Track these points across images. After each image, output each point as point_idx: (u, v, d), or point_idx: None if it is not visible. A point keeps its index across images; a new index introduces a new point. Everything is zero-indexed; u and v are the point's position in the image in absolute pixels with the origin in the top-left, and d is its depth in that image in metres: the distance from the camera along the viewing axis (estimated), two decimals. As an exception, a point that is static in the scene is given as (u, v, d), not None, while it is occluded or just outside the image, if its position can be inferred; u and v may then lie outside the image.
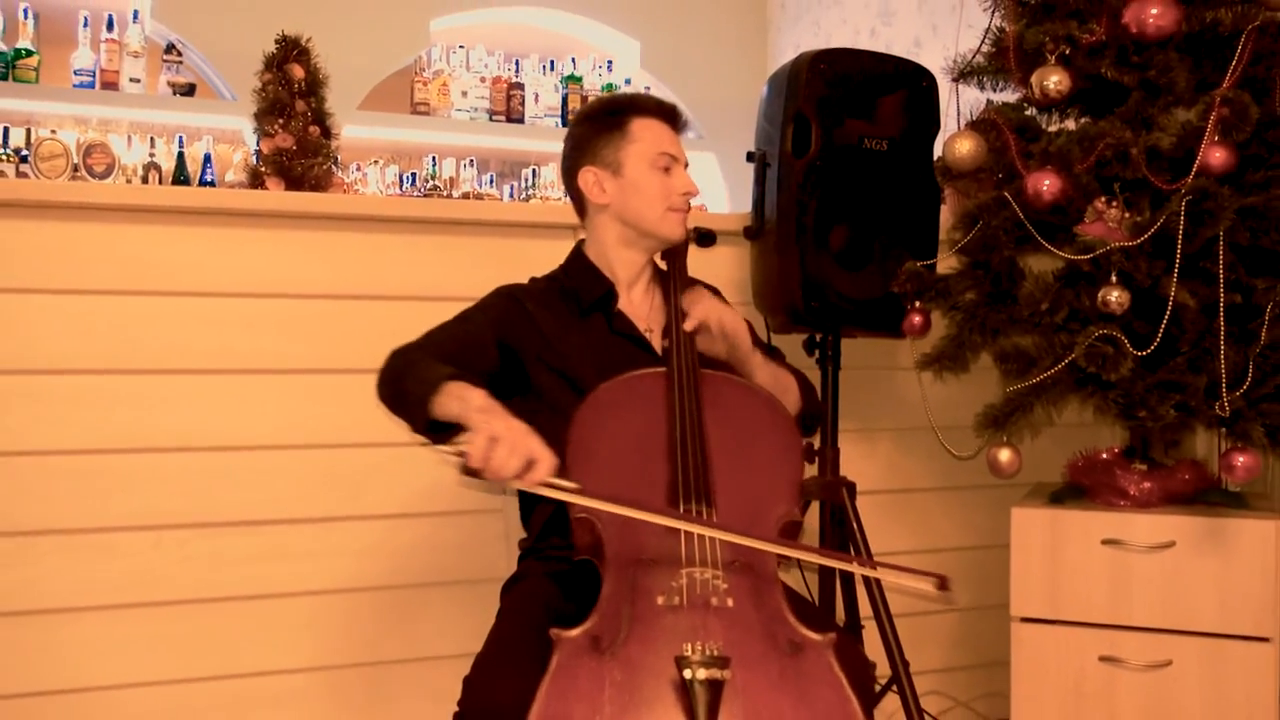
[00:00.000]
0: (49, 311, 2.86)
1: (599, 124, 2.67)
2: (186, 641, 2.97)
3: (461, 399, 2.23)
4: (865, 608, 3.08)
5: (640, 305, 2.71)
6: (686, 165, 2.68)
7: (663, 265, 2.76)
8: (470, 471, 2.09)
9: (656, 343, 2.64)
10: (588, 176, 2.67)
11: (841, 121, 3.00)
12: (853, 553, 3.04)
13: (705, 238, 2.87)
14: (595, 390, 2.42)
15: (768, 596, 2.18)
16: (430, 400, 2.26)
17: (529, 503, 2.65)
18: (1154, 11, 2.70)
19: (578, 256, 2.73)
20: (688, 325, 2.55)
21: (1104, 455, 3.08)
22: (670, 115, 2.67)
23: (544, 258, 2.83)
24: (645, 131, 2.62)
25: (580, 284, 2.68)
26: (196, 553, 2.97)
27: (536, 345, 2.58)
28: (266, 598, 3.03)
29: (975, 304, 3.01)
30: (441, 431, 2.29)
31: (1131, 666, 2.87)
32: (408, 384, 2.35)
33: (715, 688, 1.88)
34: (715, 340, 2.60)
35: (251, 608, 3.02)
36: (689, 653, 1.92)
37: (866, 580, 3.00)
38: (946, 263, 3.08)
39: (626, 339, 2.65)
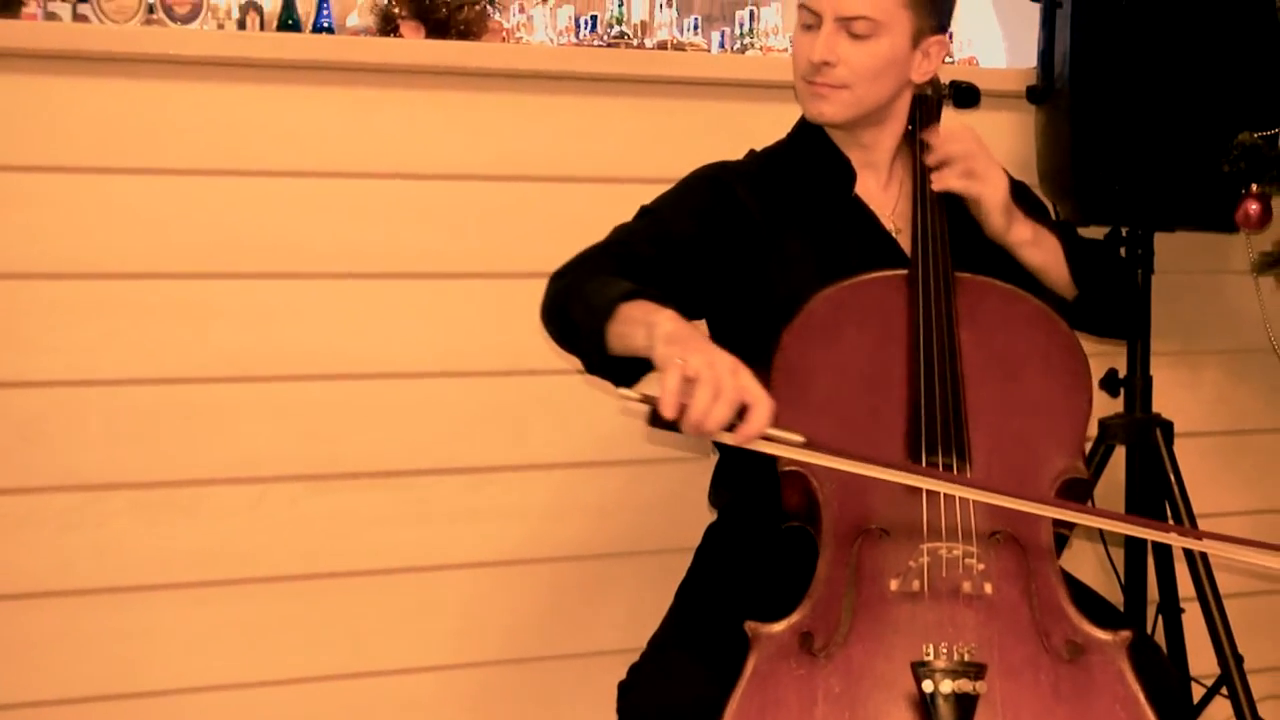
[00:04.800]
0: (116, 197, 2.80)
1: None
2: (297, 630, 2.93)
3: (646, 324, 2.07)
4: (1185, 586, 3.03)
5: (883, 196, 2.58)
6: (859, 18, 2.36)
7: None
8: (662, 423, 1.92)
9: (906, 245, 2.51)
10: None
11: (1156, -54, 2.94)
12: (1169, 513, 2.99)
13: (964, 94, 2.65)
14: (811, 301, 2.29)
15: (1041, 580, 2.08)
16: (604, 330, 2.12)
17: (725, 448, 2.55)
18: None
19: (807, 125, 2.60)
20: (933, 158, 2.44)
21: None
22: None
23: (766, 127, 2.67)
24: None
25: (807, 161, 2.55)
26: (311, 513, 2.93)
27: (747, 244, 2.45)
28: (401, 572, 2.99)
29: (1336, 186, 2.88)
30: (624, 370, 2.15)
31: None
32: (575, 310, 2.21)
33: (966, 705, 1.77)
34: (967, 184, 2.47)
35: (382, 585, 2.98)
36: (930, 656, 1.81)
37: (1188, 552, 2.95)
38: (1294, 132, 2.93)
39: (865, 235, 2.52)
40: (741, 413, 1.92)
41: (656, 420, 1.92)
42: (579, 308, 2.21)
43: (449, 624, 3.02)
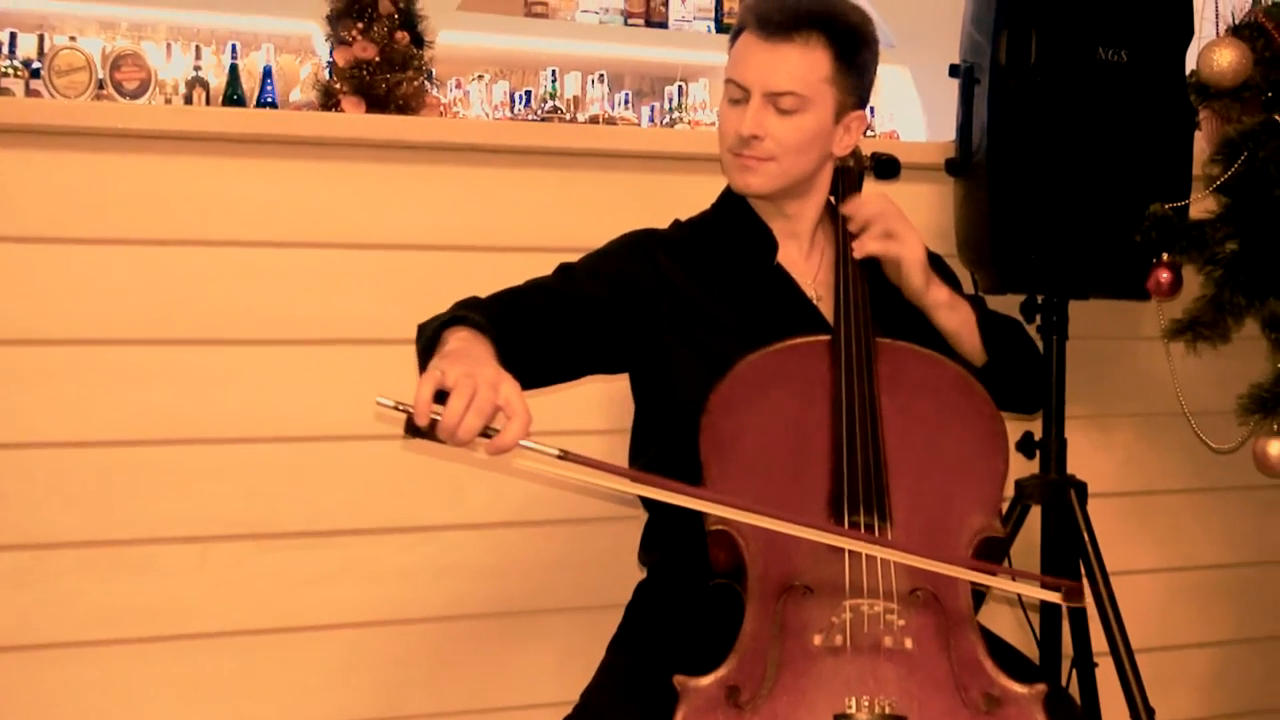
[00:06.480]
0: (67, 266, 2.79)
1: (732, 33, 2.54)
2: (242, 684, 2.91)
3: (440, 343, 2.11)
4: (1098, 641, 3.01)
5: (805, 265, 2.59)
6: (786, 94, 2.40)
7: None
8: (418, 432, 1.91)
9: (827, 311, 2.51)
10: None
11: (1069, 26, 2.93)
12: (1083, 571, 2.98)
13: (885, 166, 2.68)
14: (736, 366, 2.29)
15: (958, 637, 2.08)
16: (433, 352, 2.13)
17: (653, 507, 2.55)
18: None
19: (731, 196, 2.60)
20: (853, 224, 2.48)
21: None
22: (775, 25, 2.38)
23: (694, 198, 2.69)
24: (737, 51, 2.45)
25: (730, 231, 2.56)
26: (254, 571, 2.91)
27: (666, 310, 2.46)
28: (341, 628, 2.97)
29: (1239, 256, 2.90)
30: None
31: None
32: (420, 338, 2.23)
33: (887, 756, 1.81)
34: (886, 245, 2.47)
35: (324, 641, 2.96)
36: (852, 709, 1.88)
37: (1100, 608, 2.95)
38: (1202, 204, 2.97)
39: (787, 302, 2.52)
40: (499, 424, 1.92)
41: (412, 429, 1.91)
42: (423, 336, 2.22)
43: (387, 677, 3.00)
